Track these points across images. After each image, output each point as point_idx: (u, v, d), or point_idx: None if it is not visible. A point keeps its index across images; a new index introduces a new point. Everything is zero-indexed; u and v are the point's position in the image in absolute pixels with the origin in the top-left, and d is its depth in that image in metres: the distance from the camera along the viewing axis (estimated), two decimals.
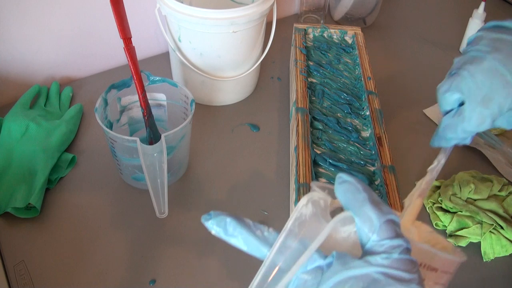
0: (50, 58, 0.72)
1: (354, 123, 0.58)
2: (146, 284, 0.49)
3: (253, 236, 0.32)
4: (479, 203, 0.55)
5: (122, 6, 0.48)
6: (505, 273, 0.52)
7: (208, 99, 0.71)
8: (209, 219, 0.34)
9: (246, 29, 0.63)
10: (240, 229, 0.32)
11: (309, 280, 0.28)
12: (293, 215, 0.30)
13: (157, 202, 0.47)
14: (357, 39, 0.71)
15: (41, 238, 0.53)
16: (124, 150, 0.53)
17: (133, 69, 0.51)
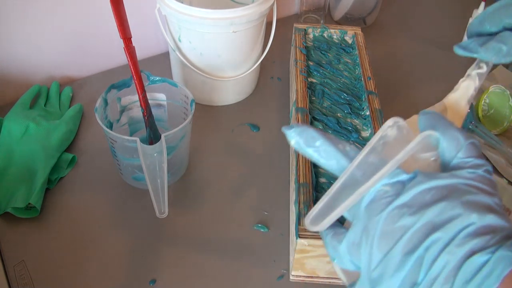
0: (50, 58, 0.72)
1: (354, 123, 0.58)
2: (146, 284, 0.49)
3: (334, 148, 0.32)
4: None
5: (122, 6, 0.48)
6: None
7: (208, 99, 0.71)
8: (291, 129, 0.34)
9: (246, 29, 0.63)
10: (322, 140, 0.32)
11: (389, 191, 0.29)
12: (378, 134, 0.30)
13: (157, 202, 0.47)
14: (357, 39, 0.71)
15: (41, 238, 0.53)
16: (124, 150, 0.53)
17: (133, 69, 0.51)
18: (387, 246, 0.28)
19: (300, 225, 0.45)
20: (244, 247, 0.53)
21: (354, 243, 0.30)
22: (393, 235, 0.27)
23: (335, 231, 0.32)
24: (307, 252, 0.45)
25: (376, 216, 0.28)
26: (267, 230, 0.55)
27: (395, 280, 0.27)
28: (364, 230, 0.29)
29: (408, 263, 0.26)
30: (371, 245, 0.28)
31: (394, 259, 0.27)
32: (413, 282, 0.26)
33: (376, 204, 0.29)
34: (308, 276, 0.49)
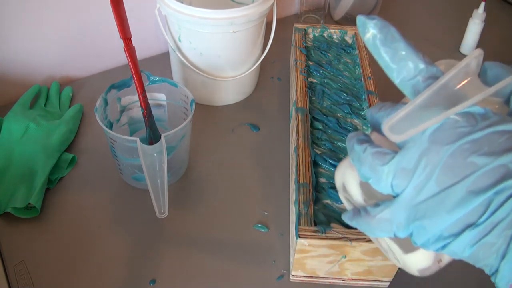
0: (50, 58, 0.72)
1: (354, 123, 0.58)
2: (146, 284, 0.49)
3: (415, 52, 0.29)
4: None
5: (122, 6, 0.48)
6: None
7: (208, 99, 0.71)
8: (372, 20, 0.30)
9: (246, 29, 0.63)
10: (403, 44, 0.30)
11: (460, 122, 0.27)
12: (462, 63, 0.28)
13: (157, 202, 0.47)
14: (357, 39, 0.71)
15: (41, 238, 0.53)
16: (124, 150, 0.53)
17: (133, 69, 0.51)
18: (449, 180, 0.26)
19: (300, 225, 0.45)
20: (244, 247, 0.53)
21: (405, 169, 0.28)
22: (459, 170, 0.26)
23: (377, 149, 0.29)
24: (307, 252, 0.45)
25: (443, 147, 0.27)
26: (267, 230, 0.55)
27: (450, 217, 0.26)
28: (421, 157, 0.27)
29: (472, 203, 0.25)
30: (429, 176, 0.27)
31: (454, 195, 0.26)
32: (470, 223, 0.26)
33: (444, 134, 0.27)
34: (308, 276, 0.49)
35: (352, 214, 0.32)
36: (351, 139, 0.31)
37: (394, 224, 0.29)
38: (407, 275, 0.51)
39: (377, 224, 0.30)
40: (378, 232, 0.30)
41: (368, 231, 0.31)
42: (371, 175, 0.29)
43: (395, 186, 0.28)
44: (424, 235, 0.27)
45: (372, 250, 0.44)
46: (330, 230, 0.44)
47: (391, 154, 0.29)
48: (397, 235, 0.29)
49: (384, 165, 0.28)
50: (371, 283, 0.49)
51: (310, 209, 0.46)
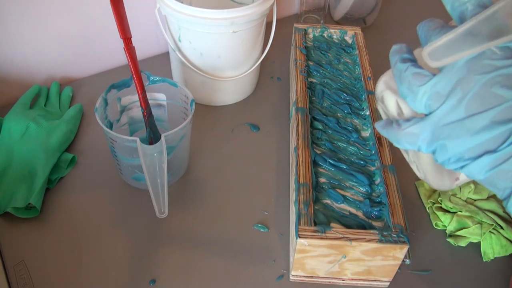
0: (50, 58, 0.72)
1: (354, 123, 0.58)
2: (146, 284, 0.49)
3: None
4: (479, 203, 0.55)
5: (122, 6, 0.48)
6: (505, 273, 0.52)
7: (208, 99, 0.71)
8: None
9: (246, 29, 0.63)
10: None
11: (497, 53, 0.29)
12: None
13: (157, 202, 0.47)
14: (357, 39, 0.71)
15: (41, 238, 0.53)
16: (124, 150, 0.53)
17: (133, 69, 0.51)
18: (476, 108, 0.28)
19: (300, 225, 0.45)
20: (244, 247, 0.53)
21: (439, 92, 0.30)
22: (488, 100, 0.28)
23: (418, 71, 0.31)
24: (307, 252, 0.45)
25: (476, 76, 0.28)
26: (267, 230, 0.55)
27: (471, 141, 0.28)
28: (455, 83, 0.29)
29: (493, 131, 0.28)
30: (459, 102, 0.29)
31: (479, 122, 0.28)
32: (490, 149, 0.28)
33: (480, 63, 0.29)
34: (308, 276, 0.49)
35: (385, 124, 0.35)
36: (394, 54, 0.34)
37: (419, 139, 0.31)
38: (407, 275, 0.52)
39: (405, 137, 0.32)
40: (404, 144, 0.33)
41: (396, 141, 0.33)
42: (408, 94, 0.32)
43: (428, 106, 0.31)
44: (445, 154, 0.30)
45: (372, 250, 0.44)
46: (330, 230, 0.44)
47: (429, 76, 0.31)
48: (420, 149, 0.32)
49: (421, 86, 0.31)
50: (371, 283, 0.49)
51: (310, 209, 0.46)
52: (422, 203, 0.59)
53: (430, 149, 0.31)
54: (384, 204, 0.48)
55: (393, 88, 0.36)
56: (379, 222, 0.47)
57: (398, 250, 0.44)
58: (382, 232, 0.44)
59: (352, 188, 0.51)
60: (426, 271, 0.52)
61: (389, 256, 0.45)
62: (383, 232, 0.44)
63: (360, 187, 0.51)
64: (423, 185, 0.60)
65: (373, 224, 0.47)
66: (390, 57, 0.34)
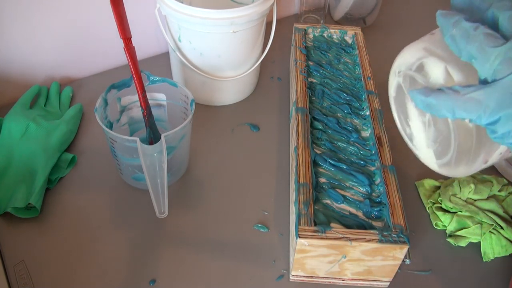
0: (50, 58, 0.72)
1: (354, 123, 0.58)
2: (146, 284, 0.49)
3: None
4: (479, 203, 0.55)
5: (122, 6, 0.48)
6: (505, 273, 0.52)
7: (208, 99, 0.71)
8: None
9: (246, 29, 0.63)
10: None
11: None
12: None
13: (157, 202, 0.47)
14: (357, 39, 0.71)
15: (41, 238, 0.53)
16: (124, 150, 0.53)
17: (133, 69, 0.51)
18: None
19: (300, 225, 0.45)
20: (244, 247, 0.53)
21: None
22: None
23: (490, 32, 0.29)
24: (307, 252, 0.45)
25: None
26: (267, 230, 0.55)
27: None
28: None
29: None
30: None
31: None
32: None
33: None
34: (308, 276, 0.49)
35: (429, 91, 0.31)
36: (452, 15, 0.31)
37: (483, 106, 0.29)
38: (407, 275, 0.52)
39: (464, 104, 0.29)
40: (461, 112, 0.30)
41: (449, 109, 0.30)
42: (477, 55, 0.29)
43: (498, 71, 0.28)
44: (510, 125, 0.28)
45: (372, 250, 0.44)
46: (330, 230, 0.44)
47: (502, 40, 0.29)
48: (481, 118, 0.29)
49: (496, 48, 0.28)
50: (371, 283, 0.49)
51: (310, 209, 0.46)
52: (422, 203, 0.59)
53: (493, 119, 0.29)
54: (384, 204, 0.48)
55: (439, 54, 0.33)
56: (379, 222, 0.47)
57: (398, 250, 0.44)
58: (382, 232, 0.44)
59: (352, 188, 0.51)
60: (426, 271, 0.52)
61: (389, 256, 0.45)
62: (383, 232, 0.44)
63: (360, 187, 0.51)
64: (423, 185, 0.60)
65: (373, 224, 0.47)
66: (442, 20, 0.31)
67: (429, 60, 0.34)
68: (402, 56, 0.37)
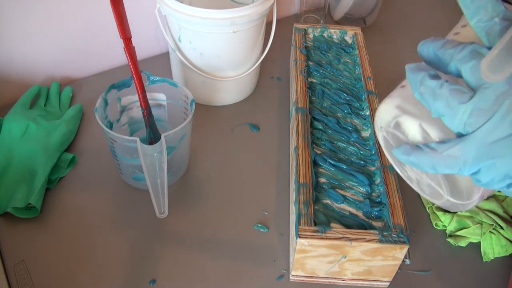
0: (50, 58, 0.72)
1: (354, 123, 0.58)
2: (146, 284, 0.49)
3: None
4: (479, 203, 0.55)
5: (122, 6, 0.48)
6: (505, 273, 0.52)
7: (208, 99, 0.71)
8: None
9: (246, 29, 0.63)
10: None
11: None
12: None
13: (157, 202, 0.47)
14: (357, 39, 0.71)
15: (41, 238, 0.53)
16: (124, 150, 0.53)
17: (133, 69, 0.51)
18: None
19: (300, 225, 0.45)
20: (244, 247, 0.53)
21: (482, 109, 0.28)
22: None
23: (456, 87, 0.29)
24: (307, 252, 0.45)
25: None
26: (267, 230, 0.55)
27: None
28: (499, 99, 0.27)
29: None
30: (504, 117, 0.27)
31: None
32: None
33: None
34: (308, 276, 0.49)
35: (410, 149, 0.32)
36: (416, 72, 0.31)
37: (461, 161, 0.29)
38: (407, 275, 0.52)
39: (443, 161, 0.30)
40: (442, 168, 0.30)
41: (431, 167, 0.31)
42: (445, 112, 0.29)
43: (469, 124, 0.28)
44: (492, 173, 0.28)
45: (372, 250, 0.44)
46: (330, 230, 0.44)
47: (469, 94, 0.28)
48: (462, 172, 0.29)
49: (462, 104, 0.28)
50: (371, 283, 0.49)
51: (310, 209, 0.46)
52: (422, 203, 0.59)
53: (474, 170, 0.29)
54: (384, 204, 0.48)
55: (412, 111, 0.33)
56: (379, 222, 0.47)
57: (398, 250, 0.44)
58: (382, 232, 0.44)
59: (352, 188, 0.51)
60: (426, 271, 0.52)
61: (389, 256, 0.45)
62: (383, 232, 0.44)
63: (360, 187, 0.51)
64: None
65: (373, 224, 0.47)
66: (411, 76, 0.31)
67: (403, 118, 0.34)
68: (378, 114, 0.37)
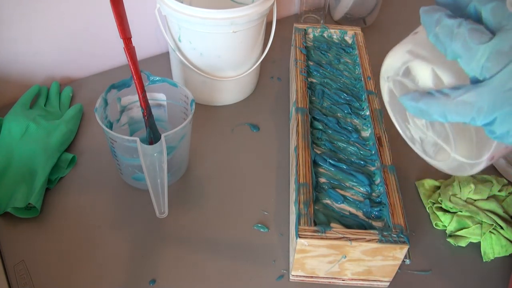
0: (50, 58, 0.72)
1: (354, 123, 0.58)
2: (146, 284, 0.49)
3: None
4: (479, 203, 0.55)
5: (122, 6, 0.48)
6: (505, 273, 0.52)
7: (208, 99, 0.71)
8: None
9: (246, 29, 0.63)
10: None
11: None
12: None
13: (157, 202, 0.47)
14: (357, 39, 0.71)
15: (41, 238, 0.53)
16: (124, 150, 0.53)
17: (133, 69, 0.51)
18: None
19: (300, 225, 0.45)
20: (244, 247, 0.53)
21: (502, 52, 0.26)
22: None
23: (475, 26, 0.27)
24: (307, 252, 0.45)
25: None
26: (267, 230, 0.55)
27: None
28: None
29: None
30: None
31: None
32: None
33: None
34: (308, 276, 0.49)
35: (419, 96, 0.30)
36: (433, 12, 0.29)
37: (475, 108, 0.27)
38: (407, 275, 0.52)
39: (455, 107, 0.28)
40: (453, 116, 0.28)
41: (440, 114, 0.29)
42: (462, 53, 0.27)
43: (486, 68, 0.26)
44: (508, 124, 0.26)
45: (372, 250, 0.44)
46: (330, 230, 0.44)
47: (489, 35, 0.27)
48: (475, 121, 0.27)
49: (481, 44, 0.26)
50: (371, 283, 0.49)
51: (310, 209, 0.46)
52: (422, 203, 0.59)
53: (488, 119, 0.27)
54: (384, 204, 0.48)
55: (425, 56, 0.31)
56: (379, 222, 0.47)
57: (398, 250, 0.44)
58: (382, 232, 0.44)
59: (352, 188, 0.51)
60: (426, 271, 0.52)
61: (389, 256, 0.45)
62: (383, 232, 0.44)
63: (360, 187, 0.51)
64: (423, 185, 0.60)
65: (373, 224, 0.47)
66: (425, 17, 0.29)
67: (415, 64, 0.32)
68: (387, 62, 0.35)
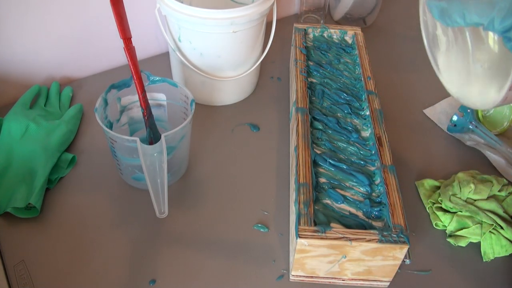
0: (50, 58, 0.72)
1: (354, 123, 0.58)
2: (146, 284, 0.49)
3: None
4: (479, 203, 0.55)
5: (122, 6, 0.48)
6: (505, 273, 0.52)
7: (208, 99, 0.71)
8: None
9: (246, 29, 0.63)
10: None
11: None
12: None
13: (157, 202, 0.47)
14: (357, 39, 0.71)
15: (41, 238, 0.53)
16: (124, 150, 0.53)
17: (133, 69, 0.51)
18: None
19: (300, 225, 0.45)
20: (244, 247, 0.53)
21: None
22: None
23: None
24: (307, 252, 0.45)
25: None
26: (267, 230, 0.55)
27: None
28: None
29: None
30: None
31: None
32: None
33: None
34: (308, 276, 0.49)
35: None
36: None
37: (495, 8, 0.26)
38: (407, 275, 0.52)
39: (475, 6, 0.27)
40: (471, 15, 0.27)
41: (459, 12, 0.28)
42: None
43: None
44: None
45: (372, 250, 0.44)
46: (330, 230, 0.44)
47: None
48: (493, 23, 0.26)
49: None
50: (371, 283, 0.49)
51: (310, 209, 0.46)
52: (422, 203, 0.59)
53: (507, 22, 0.25)
54: (384, 204, 0.48)
55: None
56: (379, 222, 0.47)
57: (398, 250, 0.44)
58: (382, 232, 0.44)
59: (352, 188, 0.51)
60: (426, 271, 0.52)
61: (389, 256, 0.45)
62: (383, 232, 0.44)
63: (360, 187, 0.51)
64: (423, 185, 0.60)
65: (373, 224, 0.47)
66: None
67: None
68: None
